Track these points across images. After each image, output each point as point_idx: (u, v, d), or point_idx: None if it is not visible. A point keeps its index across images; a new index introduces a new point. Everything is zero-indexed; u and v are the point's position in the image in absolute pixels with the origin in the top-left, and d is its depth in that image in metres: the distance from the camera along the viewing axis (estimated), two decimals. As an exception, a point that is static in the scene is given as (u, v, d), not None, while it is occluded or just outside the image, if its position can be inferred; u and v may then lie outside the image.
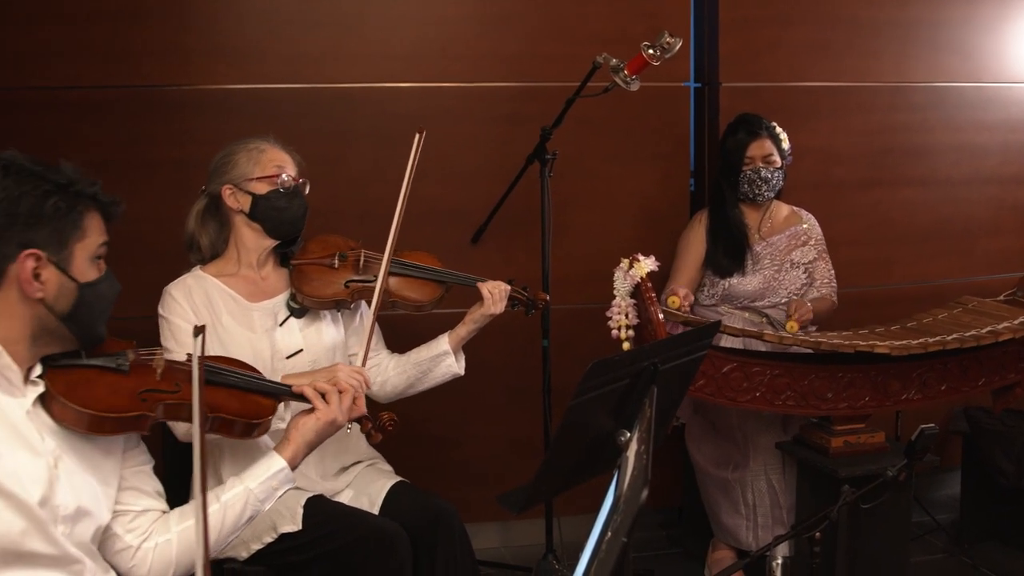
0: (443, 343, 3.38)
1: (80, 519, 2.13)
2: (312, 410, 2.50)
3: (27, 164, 2.06)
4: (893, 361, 3.65)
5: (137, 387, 2.24)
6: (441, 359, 3.37)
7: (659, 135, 4.65)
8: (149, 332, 2.34)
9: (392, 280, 3.32)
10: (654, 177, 4.65)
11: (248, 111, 4.22)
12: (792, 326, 3.90)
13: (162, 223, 4.14)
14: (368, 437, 2.72)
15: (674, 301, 3.79)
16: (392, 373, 3.39)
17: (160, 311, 3.11)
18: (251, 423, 2.42)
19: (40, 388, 2.11)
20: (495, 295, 3.35)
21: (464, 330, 3.39)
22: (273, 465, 2.43)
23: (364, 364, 3.10)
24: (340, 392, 2.53)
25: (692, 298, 4.04)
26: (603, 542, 1.63)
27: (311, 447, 2.50)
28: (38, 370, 2.13)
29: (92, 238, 2.14)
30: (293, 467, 2.46)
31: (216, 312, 3.13)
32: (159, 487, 2.40)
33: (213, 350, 3.01)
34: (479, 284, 3.37)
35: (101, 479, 2.21)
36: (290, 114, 4.22)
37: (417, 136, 3.30)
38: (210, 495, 2.36)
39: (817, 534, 3.17)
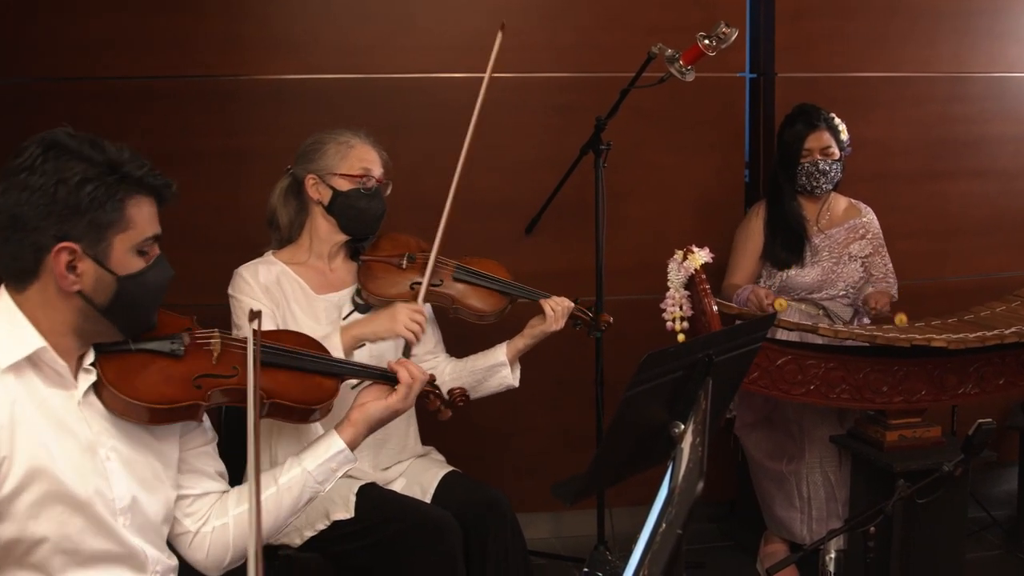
0: (500, 354, 3.38)
1: (140, 507, 2.09)
2: (379, 390, 2.48)
3: (71, 144, 1.98)
4: (950, 355, 3.61)
5: (191, 372, 2.18)
6: (497, 370, 3.38)
7: (714, 126, 4.62)
8: (202, 321, 2.31)
9: (457, 286, 3.34)
10: (709, 168, 4.63)
11: (302, 101, 4.26)
12: (901, 318, 3.83)
13: (217, 212, 4.19)
14: (436, 414, 2.68)
15: (782, 304, 3.77)
16: (448, 378, 3.38)
17: (230, 291, 3.16)
18: (309, 409, 2.37)
19: (93, 376, 2.05)
20: (557, 312, 3.34)
21: (522, 342, 3.38)
22: (333, 446, 2.38)
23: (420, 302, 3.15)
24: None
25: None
26: (657, 534, 1.62)
27: (371, 431, 2.45)
28: (91, 357, 2.06)
29: (136, 229, 2.03)
30: (352, 448, 2.40)
31: (285, 298, 3.17)
32: (220, 467, 2.36)
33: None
34: (542, 300, 3.35)
35: (162, 461, 2.18)
36: (343, 104, 4.25)
37: (500, 34, 3.39)
38: (267, 477, 2.33)
39: (872, 528, 3.14)
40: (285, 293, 3.19)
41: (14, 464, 1.88)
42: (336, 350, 2.93)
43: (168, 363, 2.16)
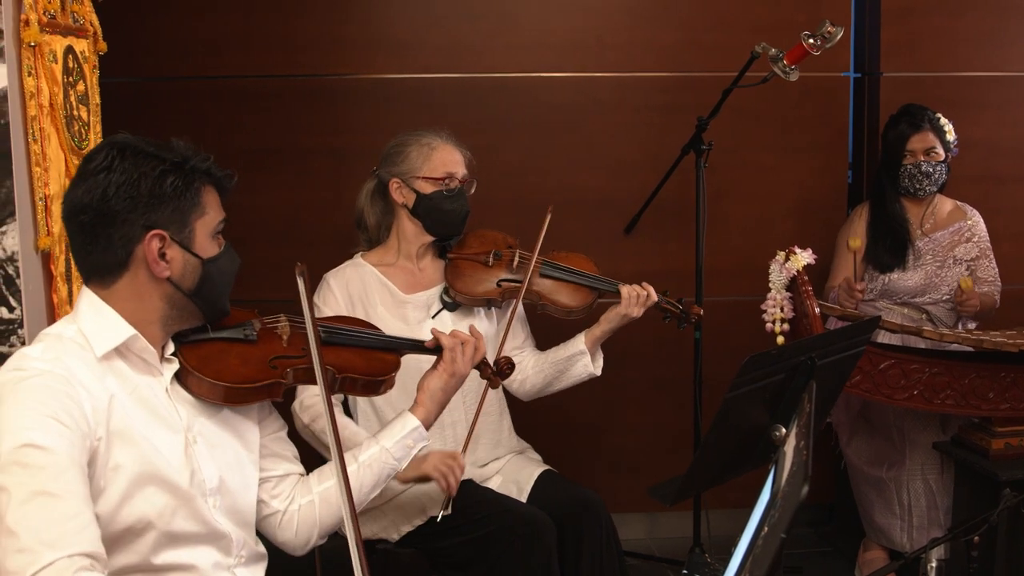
0: (579, 343, 3.36)
1: (227, 488, 2.17)
2: (434, 368, 2.55)
3: (141, 145, 2.05)
4: (1060, 361, 3.54)
5: (266, 355, 2.27)
6: (577, 359, 3.36)
7: (817, 126, 4.57)
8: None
9: (544, 283, 3.35)
10: (811, 169, 4.58)
11: (405, 100, 4.30)
12: (966, 282, 3.82)
13: (320, 210, 4.26)
14: (489, 383, 2.74)
15: (856, 242, 3.82)
16: (531, 371, 3.40)
17: (314, 298, 3.20)
18: (376, 380, 2.45)
19: (175, 365, 2.14)
20: (632, 298, 3.30)
21: (599, 330, 3.35)
22: (407, 424, 2.46)
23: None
24: (462, 343, 2.57)
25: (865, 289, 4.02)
26: (759, 537, 1.61)
27: (441, 404, 2.54)
28: (171, 348, 2.16)
29: (211, 214, 2.12)
30: (427, 426, 2.49)
31: (371, 302, 3.23)
32: (295, 450, 2.43)
33: None
34: (620, 286, 3.34)
35: (244, 445, 2.26)
36: (446, 104, 4.28)
37: (549, 215, 3.36)
38: (347, 456, 2.39)
39: (975, 538, 3.09)
40: (369, 297, 3.24)
41: (112, 446, 1.95)
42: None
43: (243, 348, 2.25)
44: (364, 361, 2.46)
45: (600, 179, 4.32)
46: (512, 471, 3.33)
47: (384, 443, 2.43)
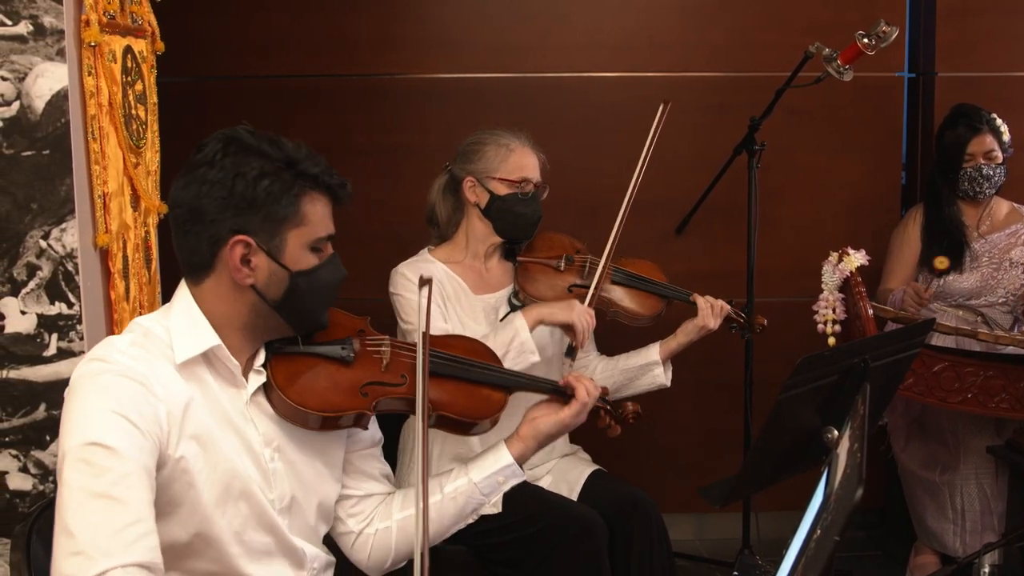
0: (653, 353, 3.38)
1: (299, 507, 2.12)
2: (552, 409, 2.39)
3: (250, 140, 2.00)
4: (1117, 366, 3.49)
5: (360, 380, 2.16)
6: (649, 368, 3.38)
7: (870, 127, 4.53)
8: (356, 312, 2.30)
9: (615, 289, 3.35)
10: (864, 170, 4.54)
11: (456, 100, 4.32)
12: None
13: (373, 207, 4.28)
14: (607, 431, 2.58)
15: (943, 262, 3.88)
16: (598, 376, 3.40)
17: (392, 290, 3.20)
18: (474, 422, 2.31)
19: (263, 378, 2.07)
20: (709, 309, 3.33)
21: (675, 342, 3.37)
22: (501, 460, 2.33)
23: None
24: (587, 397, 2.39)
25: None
26: (811, 540, 1.60)
27: (541, 446, 2.39)
28: (262, 358, 2.08)
29: (309, 226, 2.01)
30: (520, 463, 2.35)
31: (445, 296, 3.22)
32: (386, 469, 2.36)
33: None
34: (694, 296, 3.35)
35: (326, 461, 2.19)
36: (497, 103, 4.30)
37: (661, 107, 3.40)
38: (433, 483, 2.32)
39: (1030, 543, 3.06)
40: (447, 293, 3.23)
41: (187, 452, 1.90)
42: (523, 328, 2.98)
43: (337, 368, 2.15)
44: (467, 399, 2.31)
45: (650, 179, 4.29)
46: (562, 471, 3.33)
47: (473, 476, 2.31)
